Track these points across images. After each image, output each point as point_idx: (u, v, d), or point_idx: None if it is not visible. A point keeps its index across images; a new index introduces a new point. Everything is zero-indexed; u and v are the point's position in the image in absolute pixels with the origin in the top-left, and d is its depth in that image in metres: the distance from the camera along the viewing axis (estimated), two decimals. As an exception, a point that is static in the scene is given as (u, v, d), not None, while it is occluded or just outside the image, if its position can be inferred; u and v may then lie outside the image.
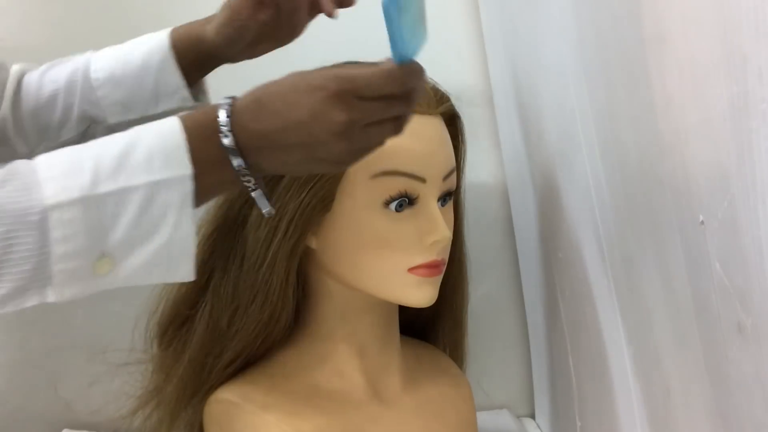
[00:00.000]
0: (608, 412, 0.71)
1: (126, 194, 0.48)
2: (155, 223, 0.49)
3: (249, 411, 0.67)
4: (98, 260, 0.48)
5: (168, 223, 0.49)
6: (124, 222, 0.48)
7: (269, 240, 0.65)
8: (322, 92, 0.50)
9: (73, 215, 0.47)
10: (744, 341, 0.43)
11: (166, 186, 0.49)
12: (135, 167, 0.48)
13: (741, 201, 0.41)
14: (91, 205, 0.47)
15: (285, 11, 0.67)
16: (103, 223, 0.48)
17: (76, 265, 0.48)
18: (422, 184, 0.65)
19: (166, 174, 0.49)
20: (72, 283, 0.48)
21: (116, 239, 0.48)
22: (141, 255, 0.49)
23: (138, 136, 0.50)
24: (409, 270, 0.65)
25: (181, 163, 0.49)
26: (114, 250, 0.49)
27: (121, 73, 0.70)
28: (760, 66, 0.37)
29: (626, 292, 0.63)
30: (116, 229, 0.48)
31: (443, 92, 0.69)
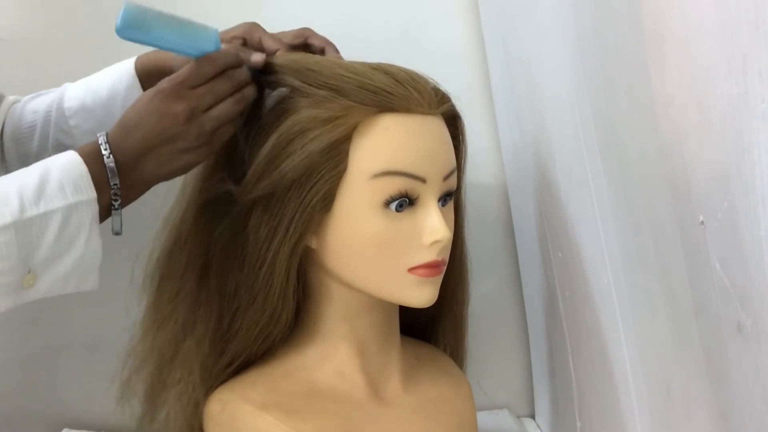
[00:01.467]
0: (608, 412, 0.71)
1: (48, 217, 0.57)
2: (71, 240, 0.59)
3: (248, 410, 0.67)
4: (25, 276, 0.57)
5: (81, 239, 0.59)
6: (47, 240, 0.57)
7: (269, 240, 0.65)
8: (159, 94, 0.62)
9: (8, 238, 0.55)
10: (744, 341, 0.43)
11: (78, 208, 0.58)
12: (52, 195, 0.58)
13: (741, 201, 0.41)
14: (20, 228, 0.56)
15: None
16: (30, 242, 0.57)
17: (9, 281, 0.56)
18: (422, 184, 0.65)
19: (77, 198, 0.58)
20: (5, 297, 0.57)
21: (41, 256, 0.57)
22: (59, 268, 0.59)
23: (48, 169, 0.59)
24: (409, 270, 0.65)
25: (87, 188, 0.59)
26: (38, 265, 0.58)
27: (92, 103, 0.74)
28: (760, 66, 0.37)
29: (626, 292, 0.63)
30: (41, 247, 0.57)
31: (444, 92, 0.69)
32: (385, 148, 0.64)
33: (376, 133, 0.64)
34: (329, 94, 0.64)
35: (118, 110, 0.73)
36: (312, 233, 0.65)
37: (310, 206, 0.63)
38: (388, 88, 0.64)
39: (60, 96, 0.75)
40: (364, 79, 0.64)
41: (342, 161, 0.63)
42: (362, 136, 0.63)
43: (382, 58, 0.70)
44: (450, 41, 0.98)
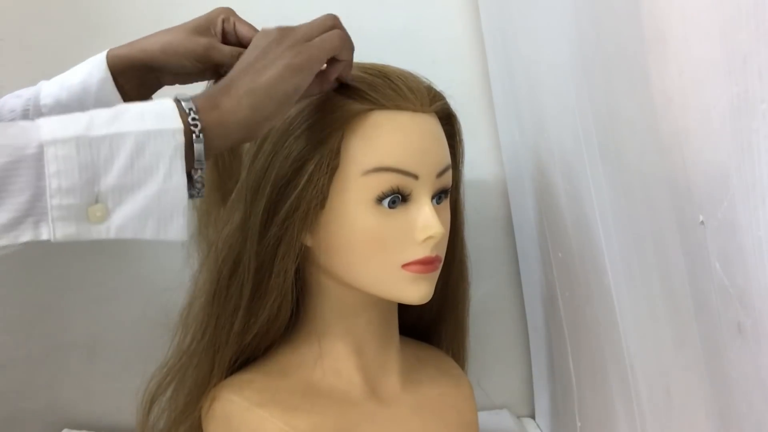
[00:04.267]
0: (608, 412, 0.71)
1: (118, 139, 0.51)
2: (146, 171, 0.51)
3: (245, 408, 0.67)
4: (92, 205, 0.51)
5: (159, 172, 0.52)
6: (117, 166, 0.51)
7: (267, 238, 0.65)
8: (258, 33, 0.61)
9: (68, 152, 0.50)
10: (744, 341, 0.43)
11: (157, 136, 0.52)
12: (127, 119, 0.52)
13: (741, 201, 0.41)
14: (84, 145, 0.50)
15: None
16: (96, 164, 0.50)
17: (70, 203, 0.50)
18: (415, 181, 0.65)
19: (157, 125, 0.52)
20: (66, 223, 0.50)
21: (109, 183, 0.51)
22: (133, 203, 0.52)
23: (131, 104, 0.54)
24: (402, 266, 0.65)
25: (171, 118, 0.52)
26: (107, 195, 0.51)
27: (66, 98, 0.72)
28: (760, 66, 0.37)
29: (626, 292, 0.63)
30: (109, 172, 0.51)
31: (437, 91, 0.70)
32: (376, 144, 0.64)
33: (368, 130, 0.64)
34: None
35: (91, 104, 0.72)
36: (307, 231, 0.65)
37: (305, 203, 0.64)
38: (381, 85, 0.64)
39: (36, 93, 0.74)
40: (356, 77, 0.65)
41: (334, 158, 0.63)
42: (354, 133, 0.64)
43: (382, 58, 0.70)
44: (450, 41, 0.98)
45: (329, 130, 0.63)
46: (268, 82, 0.56)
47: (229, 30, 0.72)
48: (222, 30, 0.71)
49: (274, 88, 0.57)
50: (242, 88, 0.56)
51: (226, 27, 0.71)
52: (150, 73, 0.73)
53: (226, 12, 0.72)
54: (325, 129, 0.63)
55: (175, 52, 0.70)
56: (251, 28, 0.72)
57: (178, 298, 0.73)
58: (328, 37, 0.60)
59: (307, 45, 0.59)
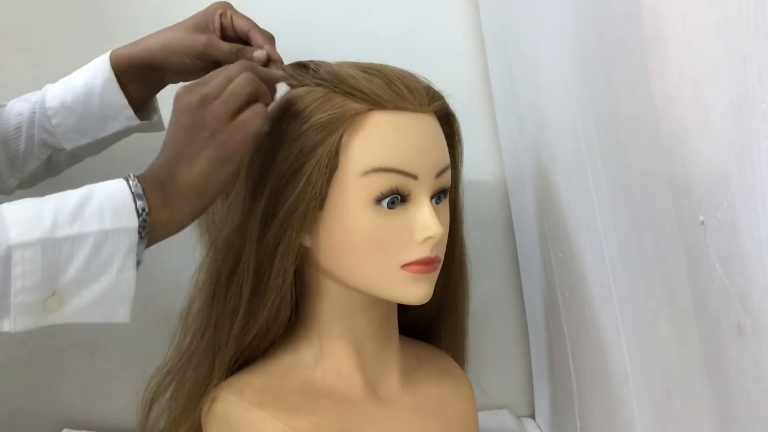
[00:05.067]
0: (608, 412, 0.71)
1: (79, 240, 0.55)
2: (102, 267, 0.56)
3: (245, 408, 0.67)
4: (50, 297, 0.55)
5: (113, 269, 0.56)
6: (76, 264, 0.55)
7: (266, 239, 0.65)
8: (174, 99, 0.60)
9: (33, 254, 0.53)
10: (744, 341, 0.43)
11: (113, 235, 0.56)
12: (88, 217, 0.55)
13: (741, 201, 0.41)
14: (48, 247, 0.54)
15: None
16: (57, 263, 0.54)
17: (31, 300, 0.54)
18: (414, 181, 0.65)
19: (115, 225, 0.56)
20: (25, 316, 0.54)
21: (67, 279, 0.55)
22: (87, 295, 0.56)
23: (91, 191, 0.57)
24: (402, 267, 0.65)
25: (127, 216, 0.56)
26: (64, 289, 0.55)
27: (71, 100, 0.74)
28: (760, 66, 0.37)
29: (626, 292, 0.63)
30: (68, 270, 0.55)
31: (436, 91, 0.70)
32: (375, 145, 0.64)
33: (367, 131, 0.64)
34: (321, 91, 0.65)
35: (96, 105, 0.73)
36: (306, 231, 0.65)
37: (304, 204, 0.63)
38: (379, 85, 0.64)
39: (42, 96, 0.75)
40: (355, 77, 0.65)
41: (333, 159, 0.63)
42: (353, 134, 0.64)
43: (382, 58, 0.70)
44: (450, 41, 0.98)
45: (328, 130, 0.63)
46: (201, 176, 0.59)
47: (227, 24, 0.72)
48: (220, 24, 0.72)
49: (208, 181, 0.59)
50: (181, 184, 0.59)
51: (223, 21, 0.72)
52: (153, 72, 0.73)
53: (223, 6, 0.72)
54: (323, 129, 0.63)
55: (175, 51, 0.71)
56: (248, 21, 0.72)
57: (178, 298, 0.73)
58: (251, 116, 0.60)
59: (228, 130, 0.59)
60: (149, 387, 0.72)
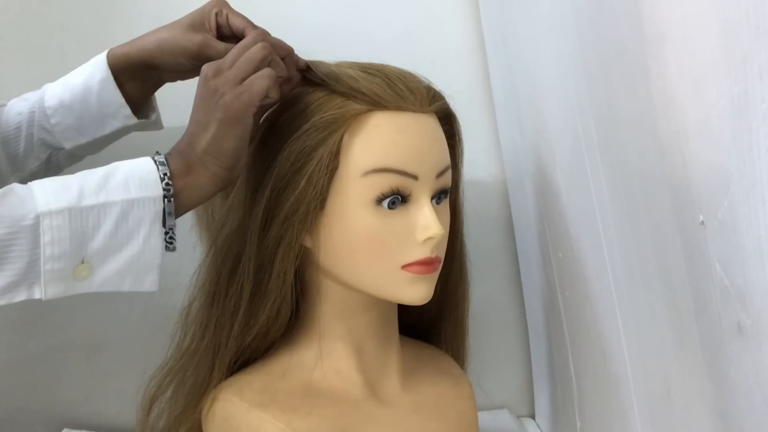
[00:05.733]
0: (608, 412, 0.71)
1: (106, 208, 0.57)
2: (129, 235, 0.58)
3: (245, 409, 0.67)
4: (79, 265, 0.57)
5: (140, 236, 0.58)
6: (103, 232, 0.57)
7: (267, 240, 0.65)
8: (199, 80, 0.63)
9: (61, 222, 0.55)
10: (744, 341, 0.43)
11: (139, 203, 0.58)
12: (114, 187, 0.57)
13: (741, 201, 0.41)
14: (75, 215, 0.56)
15: None
16: (85, 231, 0.56)
17: (60, 267, 0.56)
18: (414, 182, 0.65)
19: (140, 194, 0.58)
20: (55, 283, 0.56)
21: (95, 247, 0.57)
22: (115, 263, 0.58)
23: (116, 166, 0.60)
24: (402, 267, 0.65)
25: (152, 185, 0.58)
26: (92, 257, 0.57)
27: (70, 99, 0.74)
28: (760, 66, 0.37)
29: (626, 292, 0.63)
30: (96, 238, 0.57)
31: (436, 91, 0.69)
32: (376, 145, 0.64)
33: (368, 131, 0.64)
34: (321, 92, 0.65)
35: (94, 103, 0.73)
36: (306, 232, 0.65)
37: (304, 204, 0.63)
38: (380, 86, 0.64)
39: (41, 96, 0.75)
40: (355, 78, 0.65)
41: (334, 159, 0.63)
42: (354, 134, 0.64)
43: (382, 58, 0.70)
44: (450, 41, 0.98)
45: (329, 131, 0.63)
46: (213, 140, 0.61)
47: (222, 23, 0.72)
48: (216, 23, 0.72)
49: (219, 145, 0.61)
50: (199, 148, 0.61)
51: (219, 20, 0.72)
52: (150, 70, 0.73)
53: (219, 4, 0.72)
54: (324, 130, 0.63)
55: (171, 50, 0.71)
56: (244, 19, 0.72)
57: (178, 298, 0.73)
58: (258, 78, 0.61)
59: (235, 93, 0.61)
60: (149, 387, 0.72)
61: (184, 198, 0.60)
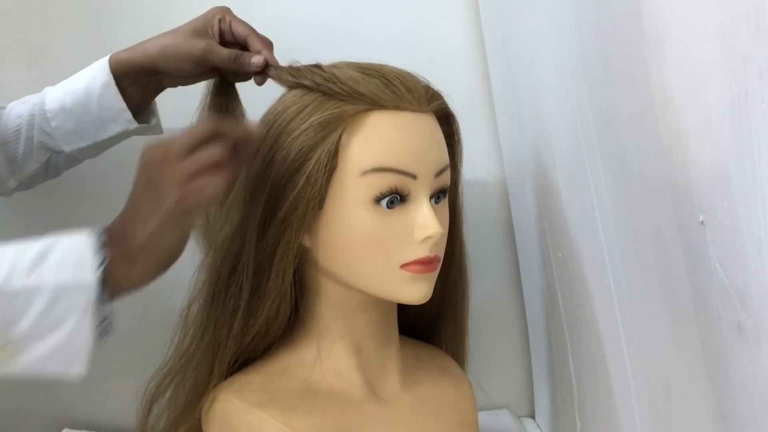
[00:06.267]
0: (608, 412, 0.71)
1: (35, 293, 0.53)
2: (57, 322, 0.54)
3: (245, 409, 0.67)
4: (2, 347, 0.54)
5: (69, 323, 0.55)
6: (30, 317, 0.53)
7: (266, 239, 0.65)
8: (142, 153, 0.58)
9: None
10: (744, 341, 0.43)
11: (72, 291, 0.54)
12: (47, 268, 0.54)
13: (741, 201, 0.41)
14: (2, 297, 0.53)
15: None
16: (9, 314, 0.53)
17: None
18: (413, 181, 0.65)
19: (73, 279, 0.54)
20: None
21: (20, 331, 0.54)
22: (40, 348, 0.55)
23: (55, 241, 0.56)
24: (401, 266, 0.65)
25: (87, 270, 0.55)
26: (16, 340, 0.54)
27: (70, 103, 0.74)
28: (760, 66, 0.37)
29: (626, 292, 0.63)
30: (21, 322, 0.53)
31: (435, 91, 0.69)
32: (374, 144, 0.64)
33: (366, 131, 0.64)
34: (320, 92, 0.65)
35: (95, 108, 0.73)
36: (305, 231, 0.65)
37: (303, 204, 0.63)
38: (378, 85, 0.64)
39: (41, 99, 0.75)
40: (354, 78, 0.65)
41: (332, 158, 0.63)
42: (352, 134, 0.64)
43: (382, 58, 0.70)
44: (450, 41, 0.98)
45: (327, 130, 0.63)
46: (152, 236, 0.57)
47: (225, 29, 0.72)
48: (219, 30, 0.72)
49: (157, 242, 0.58)
50: (136, 240, 0.57)
51: (222, 26, 0.72)
52: (152, 76, 0.73)
53: (222, 11, 0.72)
54: (323, 129, 0.63)
55: (174, 56, 0.71)
56: (246, 26, 0.72)
57: (178, 298, 0.73)
58: (209, 186, 0.58)
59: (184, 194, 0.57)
60: (149, 387, 0.72)
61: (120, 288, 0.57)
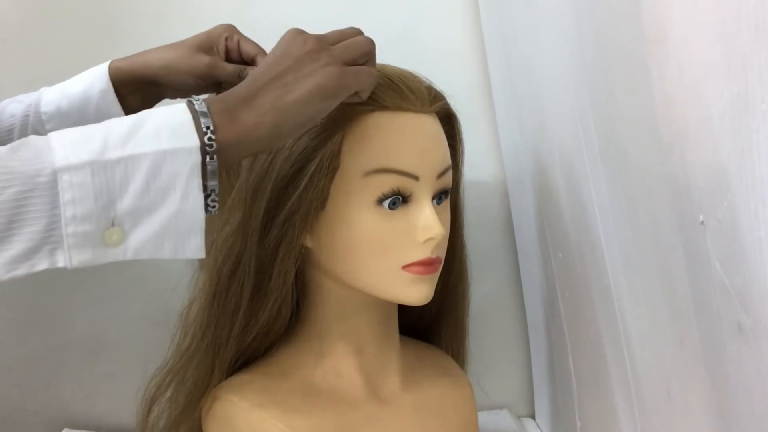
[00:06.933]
0: (608, 412, 0.71)
1: (133, 161, 0.49)
2: (163, 192, 0.50)
3: (245, 408, 0.67)
4: (108, 229, 0.49)
5: (176, 193, 0.50)
6: (132, 189, 0.49)
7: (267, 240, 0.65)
8: (282, 38, 0.57)
9: (83, 178, 0.48)
10: (744, 341, 0.43)
11: (173, 156, 0.50)
12: (143, 138, 0.50)
13: (741, 201, 0.41)
14: (99, 170, 0.48)
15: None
16: (111, 188, 0.49)
17: (86, 230, 0.48)
18: (415, 182, 0.65)
19: (173, 144, 0.50)
20: (82, 249, 0.49)
21: (125, 207, 0.49)
22: (150, 225, 0.50)
23: (146, 114, 0.52)
24: (403, 268, 0.65)
25: (187, 135, 0.50)
26: (123, 218, 0.49)
27: (67, 107, 0.73)
28: (760, 66, 0.37)
29: (626, 292, 0.63)
30: (124, 196, 0.49)
31: (437, 91, 0.69)
32: (377, 145, 0.64)
33: (369, 131, 0.64)
34: None
35: (92, 114, 0.72)
36: (307, 232, 0.65)
37: (305, 205, 0.63)
38: (381, 86, 0.64)
39: (37, 100, 0.74)
40: None
41: (335, 159, 0.63)
42: (355, 135, 0.64)
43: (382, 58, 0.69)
44: (450, 41, 0.98)
45: (330, 131, 0.63)
46: (296, 101, 0.54)
47: (232, 47, 0.71)
48: (225, 47, 0.71)
49: (300, 109, 0.54)
50: (267, 104, 0.53)
51: (229, 44, 0.71)
52: (152, 86, 0.73)
53: (230, 30, 0.71)
54: (325, 130, 0.63)
55: (177, 70, 0.70)
56: (255, 46, 0.71)
57: (178, 298, 0.73)
58: (366, 72, 0.57)
59: (343, 69, 0.55)
60: (149, 387, 0.72)
61: (227, 155, 0.52)
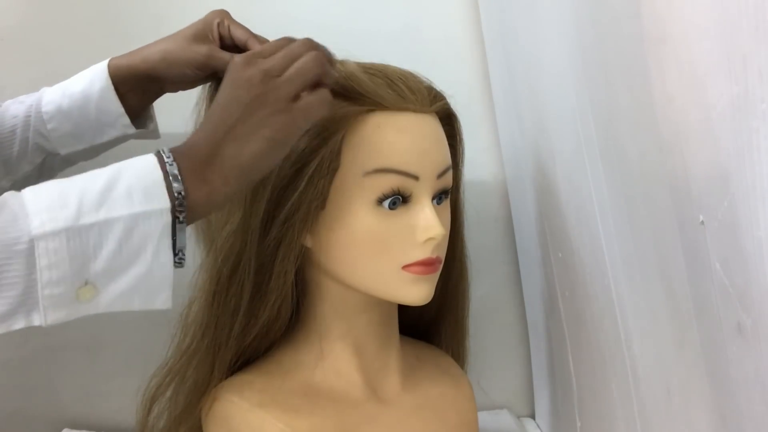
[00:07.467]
0: (608, 412, 0.71)
1: (107, 225, 0.52)
2: (135, 253, 0.53)
3: (245, 408, 0.67)
4: (81, 287, 0.52)
5: (147, 254, 0.53)
6: (106, 252, 0.52)
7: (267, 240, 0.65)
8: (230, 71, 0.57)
9: (58, 244, 0.50)
10: (744, 341, 0.43)
11: (145, 218, 0.52)
12: (115, 200, 0.52)
13: (741, 201, 0.41)
14: (74, 235, 0.51)
15: None
16: (86, 252, 0.51)
17: (60, 292, 0.51)
18: (415, 182, 0.65)
19: (145, 207, 0.52)
20: (57, 309, 0.52)
21: (98, 268, 0.52)
22: (122, 283, 0.53)
23: (118, 172, 0.54)
24: (403, 267, 0.65)
25: (159, 196, 0.53)
26: (96, 278, 0.52)
27: (68, 106, 0.73)
28: (760, 66, 0.37)
29: (626, 292, 0.63)
30: (98, 258, 0.52)
31: (438, 91, 0.69)
32: (377, 145, 0.64)
33: (369, 131, 0.64)
34: None
35: (92, 112, 0.73)
36: (307, 232, 0.65)
37: (305, 204, 0.63)
38: (381, 86, 0.64)
39: (38, 100, 0.75)
40: (356, 78, 0.65)
41: (335, 159, 0.63)
42: (355, 134, 0.64)
43: (382, 57, 0.70)
44: (450, 41, 0.98)
45: (330, 131, 0.63)
46: (253, 156, 0.55)
47: (224, 34, 0.71)
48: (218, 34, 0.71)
49: (258, 162, 0.56)
50: (228, 162, 0.55)
51: (221, 31, 0.71)
52: (151, 81, 0.73)
53: (221, 15, 0.72)
54: (325, 130, 0.63)
55: (175, 62, 0.70)
56: (245, 30, 0.71)
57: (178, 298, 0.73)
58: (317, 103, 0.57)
59: (292, 114, 0.56)
60: (149, 387, 0.72)
61: (196, 213, 0.55)
